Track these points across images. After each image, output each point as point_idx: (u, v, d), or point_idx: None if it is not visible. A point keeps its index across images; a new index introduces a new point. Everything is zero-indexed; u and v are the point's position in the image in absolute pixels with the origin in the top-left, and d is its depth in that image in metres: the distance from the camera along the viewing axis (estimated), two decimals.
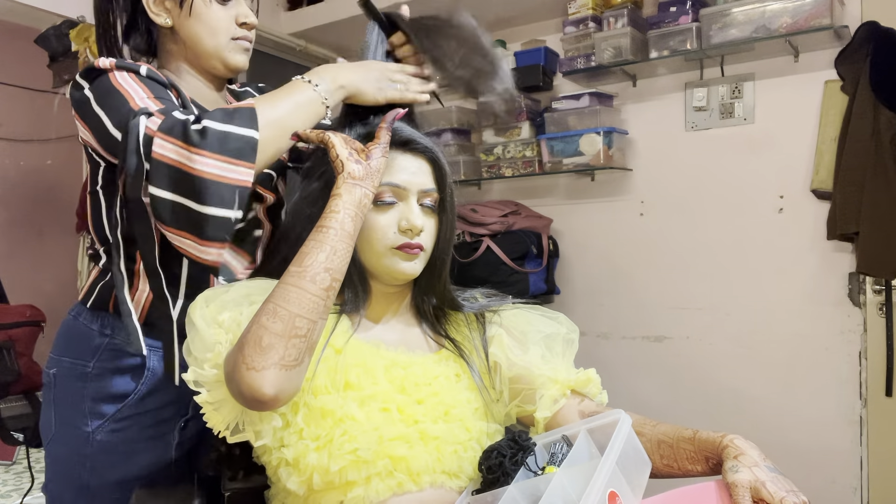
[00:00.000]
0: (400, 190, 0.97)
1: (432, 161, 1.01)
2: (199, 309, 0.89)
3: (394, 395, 0.92)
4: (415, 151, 0.99)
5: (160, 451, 1.05)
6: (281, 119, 0.90)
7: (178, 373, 0.97)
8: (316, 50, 2.88)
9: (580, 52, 2.36)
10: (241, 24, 1.07)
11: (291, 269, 0.84)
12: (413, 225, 0.95)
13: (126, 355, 1.02)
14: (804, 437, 2.12)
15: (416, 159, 0.99)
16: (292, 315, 0.80)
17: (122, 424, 1.02)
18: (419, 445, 0.90)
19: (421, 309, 1.07)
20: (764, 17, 2.02)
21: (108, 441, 1.01)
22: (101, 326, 1.03)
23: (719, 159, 2.29)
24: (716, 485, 0.78)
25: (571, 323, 1.07)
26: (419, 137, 0.99)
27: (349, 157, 0.90)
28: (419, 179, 0.98)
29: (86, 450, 1.01)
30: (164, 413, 1.05)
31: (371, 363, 0.94)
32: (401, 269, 0.97)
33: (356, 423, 0.88)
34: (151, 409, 1.04)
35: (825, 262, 2.11)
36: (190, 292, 0.99)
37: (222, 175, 0.84)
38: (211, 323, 0.87)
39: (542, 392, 0.99)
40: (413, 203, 0.98)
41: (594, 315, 2.52)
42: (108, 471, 1.01)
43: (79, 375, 1.02)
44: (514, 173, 2.54)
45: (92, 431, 1.01)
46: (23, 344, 2.04)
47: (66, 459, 1.03)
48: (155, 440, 1.05)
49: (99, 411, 1.01)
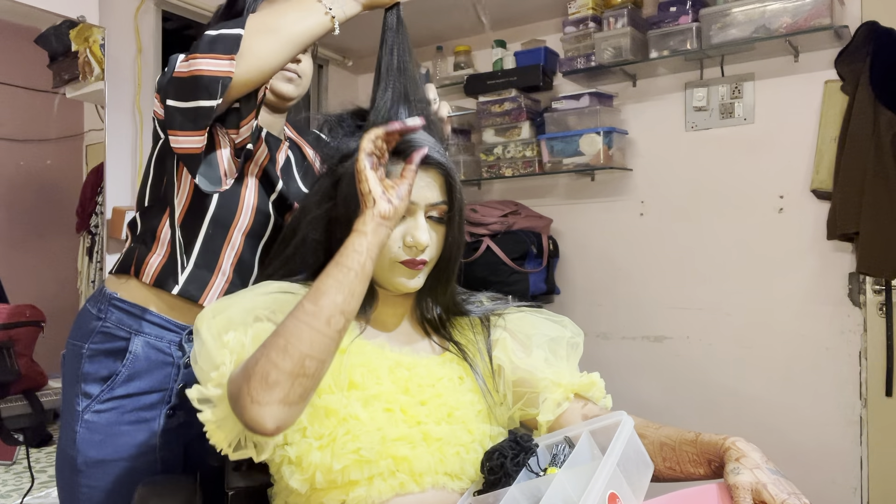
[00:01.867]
0: (410, 205, 0.96)
1: (444, 175, 0.99)
2: (206, 321, 0.89)
3: (397, 396, 0.92)
4: (427, 166, 0.97)
5: (142, 436, 1.10)
6: (272, 21, 0.98)
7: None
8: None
9: (580, 52, 2.36)
10: None
11: (307, 306, 0.81)
12: (418, 242, 0.95)
13: (114, 339, 1.10)
14: (804, 437, 2.12)
15: (428, 174, 0.97)
16: (303, 356, 0.79)
17: (105, 405, 1.09)
18: (422, 446, 0.90)
19: (426, 316, 1.07)
20: (764, 17, 2.02)
21: (93, 421, 1.08)
22: (98, 311, 1.12)
23: (719, 159, 2.29)
24: (717, 487, 0.78)
25: (576, 326, 1.07)
26: (433, 152, 0.97)
27: (381, 196, 0.87)
28: (429, 193, 0.97)
29: (76, 427, 1.08)
30: (147, 399, 1.11)
31: (375, 363, 0.94)
32: (402, 283, 0.97)
33: (359, 422, 0.88)
34: (134, 394, 1.10)
35: (825, 262, 2.11)
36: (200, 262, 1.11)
37: (209, 69, 0.94)
38: (217, 338, 0.87)
39: (545, 395, 0.99)
40: (420, 218, 0.96)
41: (594, 315, 2.52)
42: (90, 449, 1.08)
43: (77, 356, 1.11)
44: (514, 173, 2.54)
45: (81, 410, 1.08)
46: (23, 344, 2.04)
47: (63, 436, 1.11)
48: (137, 424, 1.10)
49: (87, 391, 1.09)
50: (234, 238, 1.14)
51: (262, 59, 0.98)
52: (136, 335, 1.11)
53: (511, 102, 2.50)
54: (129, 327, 1.11)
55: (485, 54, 2.75)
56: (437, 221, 0.99)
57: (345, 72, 3.13)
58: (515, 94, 2.50)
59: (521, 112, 2.49)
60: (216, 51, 0.95)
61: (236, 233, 1.14)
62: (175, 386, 1.13)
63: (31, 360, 2.05)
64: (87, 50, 2.07)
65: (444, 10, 2.55)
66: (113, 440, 1.08)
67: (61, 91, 2.15)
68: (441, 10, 2.55)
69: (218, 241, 1.13)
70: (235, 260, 1.15)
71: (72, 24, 2.07)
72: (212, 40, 0.95)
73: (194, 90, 0.95)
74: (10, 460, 2.85)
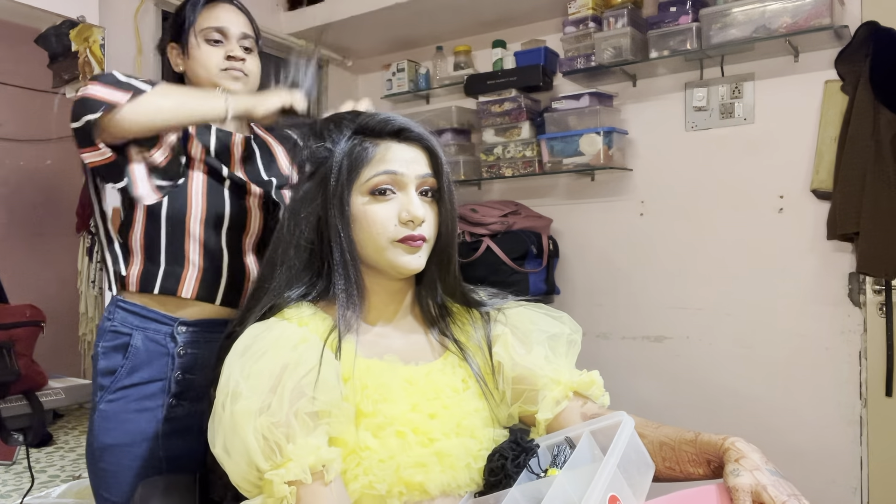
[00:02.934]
0: (398, 178, 0.95)
1: (427, 149, 0.99)
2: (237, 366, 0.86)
3: (408, 416, 0.90)
4: (409, 140, 0.97)
5: (147, 424, 1.20)
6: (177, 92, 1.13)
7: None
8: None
9: (580, 52, 2.36)
10: (229, 58, 1.31)
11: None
12: (414, 215, 0.94)
13: (120, 335, 1.22)
14: (804, 437, 2.12)
15: (412, 148, 0.98)
16: None
17: (115, 395, 1.20)
18: (435, 468, 0.88)
19: (425, 309, 1.06)
20: (764, 17, 2.02)
21: (106, 410, 1.20)
22: (108, 313, 1.25)
23: (719, 159, 2.28)
24: (717, 488, 0.78)
25: (575, 323, 1.07)
26: (412, 126, 0.97)
27: None
28: (417, 167, 0.97)
29: (93, 416, 1.22)
30: (149, 388, 1.21)
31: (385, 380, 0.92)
32: (404, 262, 0.96)
33: (371, 452, 0.87)
34: (137, 384, 1.21)
35: (825, 262, 2.11)
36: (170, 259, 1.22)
37: (98, 94, 1.07)
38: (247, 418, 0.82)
39: (544, 393, 0.98)
40: (412, 193, 0.96)
41: (594, 315, 2.52)
42: (103, 435, 1.20)
43: (96, 355, 1.24)
44: (514, 173, 2.54)
45: (97, 401, 1.21)
46: (23, 344, 2.04)
47: (89, 426, 1.25)
48: (143, 412, 1.20)
49: (101, 384, 1.22)
50: (192, 230, 1.23)
51: (152, 112, 1.11)
52: (136, 330, 1.22)
53: (511, 102, 2.50)
54: (131, 324, 1.22)
55: (485, 54, 2.75)
56: (429, 199, 0.99)
57: (345, 72, 3.13)
58: (515, 94, 2.50)
59: (521, 112, 2.49)
60: (115, 86, 1.08)
61: (193, 224, 1.23)
62: (173, 375, 1.22)
63: (31, 360, 2.05)
64: (87, 50, 2.07)
65: (444, 10, 2.55)
66: (122, 427, 1.20)
67: (61, 91, 2.15)
68: (441, 10, 2.55)
69: (178, 237, 1.23)
70: (201, 250, 1.24)
71: (72, 24, 2.07)
72: (115, 81, 1.10)
73: (82, 109, 1.07)
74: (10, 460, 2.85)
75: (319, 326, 0.92)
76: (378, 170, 0.95)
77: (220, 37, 1.31)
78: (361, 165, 0.95)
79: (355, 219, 0.95)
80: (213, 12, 1.31)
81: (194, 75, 1.32)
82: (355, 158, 0.95)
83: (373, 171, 0.95)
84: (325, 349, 0.88)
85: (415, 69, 2.86)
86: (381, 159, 0.95)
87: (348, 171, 0.95)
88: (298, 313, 0.94)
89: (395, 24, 2.69)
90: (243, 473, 0.82)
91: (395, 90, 2.84)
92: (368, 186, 0.95)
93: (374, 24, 2.66)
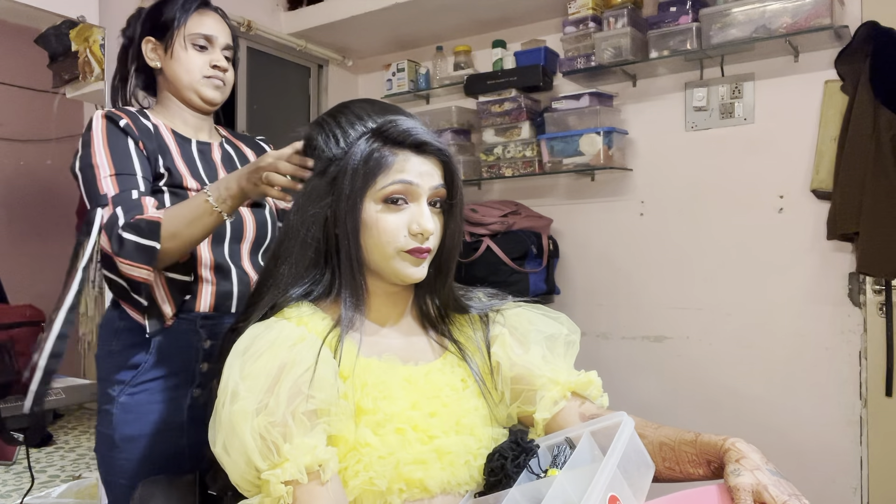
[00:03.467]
0: (413, 188, 0.95)
1: (444, 164, 1.00)
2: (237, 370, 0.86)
3: (408, 413, 0.91)
4: (427, 153, 0.98)
5: (171, 413, 1.27)
6: (179, 231, 1.14)
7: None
8: (315, 50, 2.88)
9: (580, 52, 2.36)
10: (213, 67, 1.35)
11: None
12: (424, 229, 0.94)
13: (138, 334, 1.26)
14: (804, 436, 2.12)
15: (429, 160, 0.98)
16: None
17: (137, 388, 1.26)
18: (435, 464, 0.89)
19: (424, 311, 1.07)
20: (764, 17, 2.02)
21: (127, 402, 1.25)
22: (119, 315, 1.29)
23: (719, 159, 2.29)
24: (717, 488, 0.78)
25: (573, 323, 1.07)
26: (433, 140, 0.98)
27: None
28: (431, 179, 0.98)
29: (112, 410, 1.26)
30: (171, 381, 1.27)
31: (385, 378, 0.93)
32: (408, 273, 0.97)
33: (371, 448, 0.87)
34: (160, 377, 1.27)
35: (825, 262, 2.11)
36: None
37: (131, 273, 1.15)
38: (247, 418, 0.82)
39: (542, 393, 0.99)
40: (424, 205, 0.96)
41: (594, 315, 2.53)
42: (125, 427, 1.25)
43: (108, 353, 1.29)
44: (514, 173, 2.54)
45: (116, 395, 1.25)
46: (23, 344, 2.04)
47: (100, 420, 1.30)
48: (166, 403, 1.27)
49: (121, 379, 1.26)
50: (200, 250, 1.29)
51: (175, 254, 1.18)
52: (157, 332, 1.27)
53: (511, 102, 2.50)
54: None
55: (485, 54, 2.75)
56: (438, 211, 1.00)
57: (345, 72, 3.13)
58: (515, 94, 2.50)
59: (521, 112, 2.49)
60: (136, 259, 1.13)
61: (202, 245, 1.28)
62: (198, 367, 1.29)
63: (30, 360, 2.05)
64: (87, 50, 2.07)
65: (444, 10, 2.55)
66: (145, 418, 1.25)
67: (61, 91, 2.15)
68: (441, 10, 2.55)
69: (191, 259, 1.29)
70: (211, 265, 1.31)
71: (72, 24, 2.07)
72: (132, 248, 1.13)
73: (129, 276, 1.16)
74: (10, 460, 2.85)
75: (318, 325, 0.93)
76: (394, 178, 0.94)
77: (206, 44, 1.34)
78: (378, 173, 0.94)
79: (366, 225, 0.95)
80: (203, 19, 1.35)
81: (173, 75, 1.34)
82: (373, 165, 0.94)
83: (388, 180, 0.94)
84: (324, 347, 0.88)
85: (415, 69, 2.86)
86: (398, 170, 0.95)
87: (364, 177, 0.94)
88: (298, 312, 0.94)
89: (395, 24, 2.69)
90: (242, 473, 0.83)
91: (395, 90, 2.84)
92: (382, 195, 0.95)
93: (373, 24, 2.67)
